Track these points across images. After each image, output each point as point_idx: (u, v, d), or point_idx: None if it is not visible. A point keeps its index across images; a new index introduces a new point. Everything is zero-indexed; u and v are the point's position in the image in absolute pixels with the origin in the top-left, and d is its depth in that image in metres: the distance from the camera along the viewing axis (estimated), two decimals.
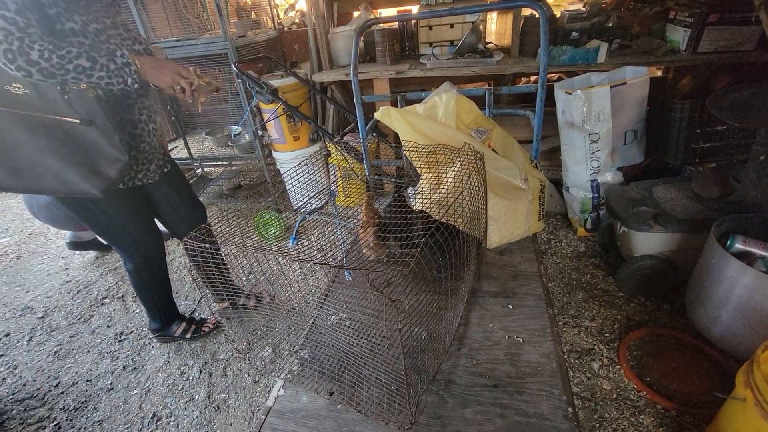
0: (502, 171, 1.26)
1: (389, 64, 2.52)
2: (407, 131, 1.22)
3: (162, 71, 1.19)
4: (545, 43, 1.31)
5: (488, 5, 2.01)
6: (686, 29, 2.06)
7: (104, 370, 1.78)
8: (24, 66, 0.97)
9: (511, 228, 1.29)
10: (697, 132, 1.87)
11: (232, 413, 1.52)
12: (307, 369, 0.96)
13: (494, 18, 2.94)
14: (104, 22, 1.20)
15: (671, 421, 1.30)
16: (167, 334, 1.81)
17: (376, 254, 1.17)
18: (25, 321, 2.14)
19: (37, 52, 0.97)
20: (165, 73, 1.20)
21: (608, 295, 1.82)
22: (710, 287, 1.37)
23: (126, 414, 1.58)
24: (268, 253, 0.77)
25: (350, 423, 0.84)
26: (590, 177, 2.04)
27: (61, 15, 1.08)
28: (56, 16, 1.07)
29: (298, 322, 1.08)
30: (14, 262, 2.70)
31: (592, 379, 1.46)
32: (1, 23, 0.93)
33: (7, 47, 0.94)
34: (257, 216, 2.48)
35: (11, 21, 0.95)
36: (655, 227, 1.61)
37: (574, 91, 1.89)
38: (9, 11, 0.95)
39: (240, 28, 2.72)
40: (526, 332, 1.01)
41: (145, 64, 1.17)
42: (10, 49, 0.94)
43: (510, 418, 0.81)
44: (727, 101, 1.50)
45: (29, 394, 1.70)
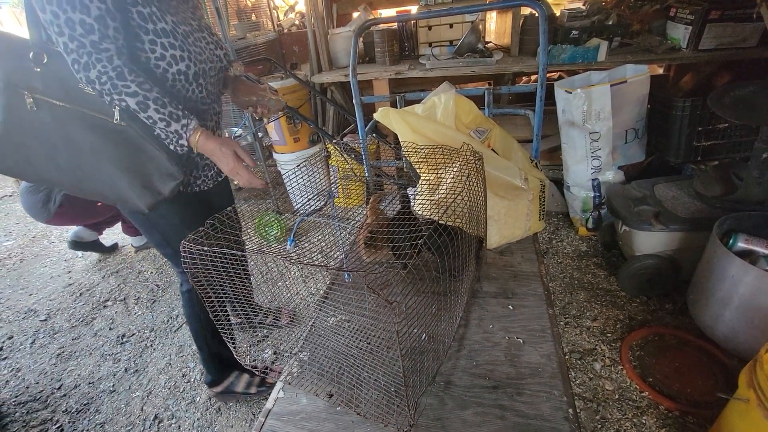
0: (501, 171, 1.26)
1: (389, 65, 2.52)
2: (406, 132, 1.21)
3: (222, 159, 1.08)
4: (544, 41, 1.31)
5: (487, 5, 2.01)
6: (687, 26, 2.04)
7: (106, 372, 1.79)
8: (84, 81, 0.95)
9: (511, 228, 1.29)
10: (698, 130, 1.86)
11: (233, 415, 1.52)
12: (307, 371, 0.96)
13: (494, 17, 2.93)
14: (191, 24, 1.12)
15: (674, 421, 1.29)
16: (229, 390, 1.54)
17: (376, 257, 1.17)
18: (28, 324, 2.15)
19: (96, 72, 0.92)
20: (224, 162, 1.08)
21: (610, 294, 1.81)
22: (713, 286, 1.36)
23: (128, 416, 1.58)
24: (267, 256, 0.77)
25: (349, 425, 0.84)
26: (591, 176, 2.03)
27: (154, 14, 1.01)
28: (148, 16, 0.99)
29: (297, 325, 1.07)
30: (17, 265, 2.72)
31: (594, 380, 1.45)
32: (78, 31, 0.89)
33: (75, 58, 0.92)
34: (258, 218, 2.48)
35: (89, 30, 0.90)
36: (656, 226, 1.60)
37: (574, 90, 1.88)
38: (89, 17, 0.90)
39: (239, 30, 2.73)
40: (526, 333, 1.00)
41: (205, 146, 1.07)
42: (77, 60, 0.92)
43: (510, 420, 0.81)
44: (729, 98, 1.49)
45: (32, 396, 1.71)
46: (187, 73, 1.08)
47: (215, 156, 1.08)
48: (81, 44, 0.90)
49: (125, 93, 0.96)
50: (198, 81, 1.13)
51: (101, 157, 1.06)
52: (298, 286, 2.13)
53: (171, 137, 1.04)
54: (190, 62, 1.08)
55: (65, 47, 0.90)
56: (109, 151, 1.05)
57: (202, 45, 1.13)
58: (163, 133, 1.04)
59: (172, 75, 1.06)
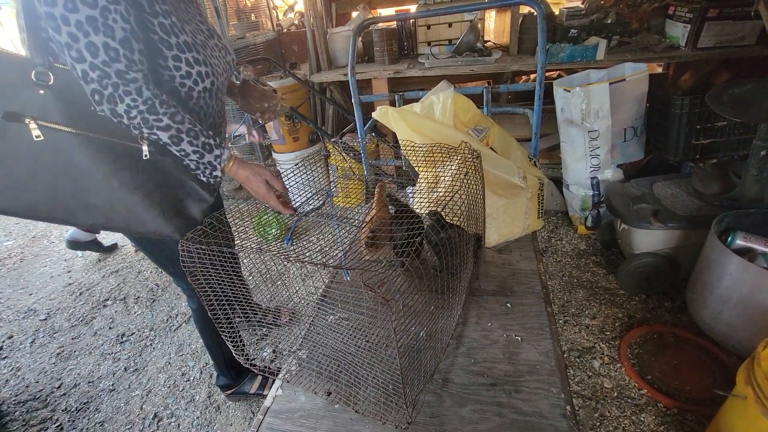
0: (500, 169, 1.26)
1: (388, 64, 2.52)
2: (405, 130, 1.22)
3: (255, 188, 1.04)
4: (543, 40, 1.31)
5: (486, 3, 2.01)
6: (686, 25, 2.05)
7: (106, 371, 1.79)
8: (107, 113, 0.85)
9: (509, 226, 1.29)
10: (697, 128, 1.86)
11: (232, 413, 1.53)
12: (305, 369, 0.96)
13: (492, 16, 2.94)
14: (202, 29, 1.03)
15: (672, 419, 1.29)
16: (240, 392, 1.55)
17: (377, 255, 1.16)
18: (28, 323, 2.15)
19: (125, 107, 0.83)
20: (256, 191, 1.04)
21: (609, 293, 1.81)
22: (711, 284, 1.37)
23: (127, 415, 1.58)
24: (266, 255, 0.77)
25: (348, 422, 0.84)
26: (590, 174, 2.03)
27: (174, 26, 0.91)
28: (170, 28, 0.89)
29: (296, 323, 1.08)
30: (17, 265, 2.72)
31: (593, 378, 1.45)
32: (101, 57, 0.78)
33: (96, 88, 0.81)
34: (257, 217, 2.49)
35: (113, 57, 0.79)
36: (655, 224, 1.60)
37: (573, 89, 1.88)
38: (114, 41, 0.78)
39: (239, 30, 2.73)
40: (524, 330, 1.00)
41: (238, 175, 1.03)
42: (99, 91, 0.81)
43: (507, 417, 0.81)
44: (727, 96, 1.49)
45: (32, 395, 1.71)
46: (210, 90, 1.01)
47: (248, 184, 1.03)
48: (104, 74, 0.80)
49: (157, 127, 0.88)
50: (218, 95, 1.07)
51: (130, 190, 0.95)
52: (297, 285, 2.14)
53: (203, 168, 0.98)
54: (214, 78, 1.00)
55: (84, 75, 0.80)
56: (137, 181, 0.95)
57: (217, 55, 1.03)
58: (194, 164, 0.97)
59: (198, 93, 0.98)
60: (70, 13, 0.74)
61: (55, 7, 0.74)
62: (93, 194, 0.94)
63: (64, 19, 0.74)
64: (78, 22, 0.75)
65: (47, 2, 0.74)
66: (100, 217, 0.97)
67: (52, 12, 0.74)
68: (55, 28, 0.76)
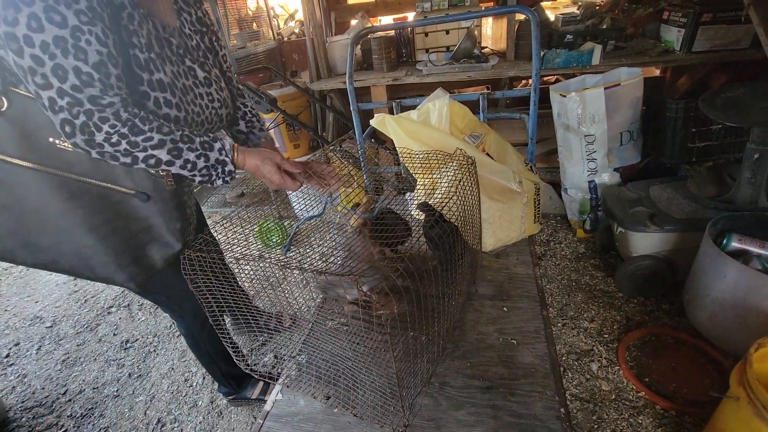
0: (496, 175, 1.28)
1: (386, 72, 2.55)
2: (402, 138, 1.24)
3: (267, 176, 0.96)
4: (536, 47, 1.34)
5: (481, 12, 2.04)
6: (680, 29, 2.07)
7: (110, 377, 1.81)
8: (82, 145, 0.75)
9: (506, 231, 1.31)
10: (692, 131, 1.88)
11: (234, 418, 1.55)
12: (305, 373, 0.98)
13: (489, 23, 2.97)
14: (197, 75, 0.96)
15: (670, 421, 1.30)
16: (242, 397, 1.56)
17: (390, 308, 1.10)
18: (34, 330, 2.18)
19: (104, 135, 0.75)
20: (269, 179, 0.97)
21: (607, 295, 1.83)
22: (707, 286, 1.38)
23: (131, 420, 1.60)
24: (265, 262, 0.80)
25: (346, 426, 0.86)
26: (588, 178, 2.05)
27: (151, 62, 0.84)
28: (144, 62, 0.83)
29: (297, 328, 1.10)
30: (24, 273, 2.75)
31: (591, 380, 1.46)
32: (70, 82, 0.70)
33: (67, 118, 0.72)
34: (259, 224, 2.51)
35: (86, 82, 0.71)
36: (651, 227, 1.61)
37: (569, 94, 1.91)
38: (87, 64, 0.70)
39: (240, 39, 2.77)
40: (520, 334, 1.02)
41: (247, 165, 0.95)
42: (70, 121, 0.72)
43: (502, 419, 0.83)
44: (720, 100, 1.51)
45: (38, 401, 1.74)
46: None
47: (258, 173, 0.96)
48: (76, 101, 0.71)
49: (150, 147, 0.80)
50: None
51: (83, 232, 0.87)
52: (297, 291, 2.16)
53: (216, 172, 0.91)
54: (186, 125, 0.92)
55: (51, 104, 0.71)
56: (92, 221, 0.87)
57: (202, 103, 0.96)
58: (206, 172, 0.89)
59: None
60: (34, 33, 0.66)
61: (17, 26, 0.65)
62: (37, 233, 0.87)
63: (27, 40, 0.66)
64: (44, 44, 0.66)
65: (7, 21, 0.65)
66: (43, 257, 0.90)
67: (13, 32, 0.66)
68: (16, 51, 0.67)
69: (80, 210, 0.86)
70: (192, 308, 1.24)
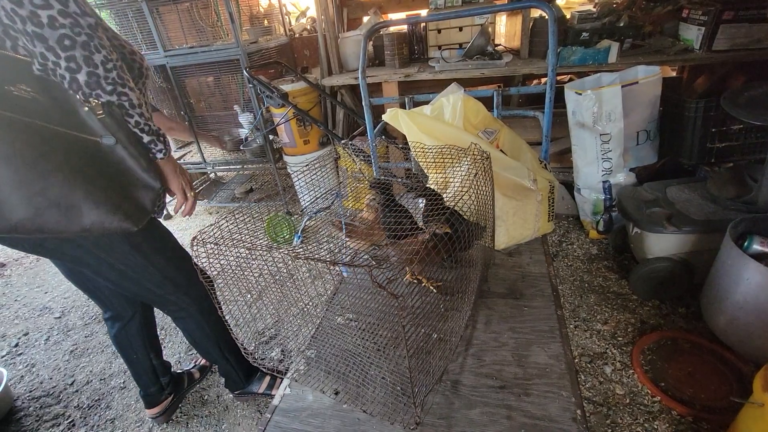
0: (510, 171, 1.25)
1: (398, 68, 2.53)
2: (414, 132, 1.22)
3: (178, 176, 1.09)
4: (553, 43, 1.31)
5: (496, 6, 2.01)
6: (700, 27, 2.02)
7: (117, 369, 1.81)
8: (79, 60, 0.79)
9: (519, 229, 1.28)
10: (712, 131, 1.83)
11: (240, 413, 1.54)
12: (313, 368, 0.96)
13: (503, 20, 2.93)
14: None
15: (687, 427, 1.26)
16: (248, 392, 1.55)
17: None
18: (43, 321, 2.19)
19: (102, 57, 0.81)
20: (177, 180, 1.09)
21: (621, 298, 1.79)
22: (727, 289, 1.34)
23: (137, 412, 1.60)
24: (275, 253, 0.78)
25: (355, 422, 0.84)
26: (602, 178, 2.01)
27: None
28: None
29: (305, 323, 1.08)
30: (34, 264, 2.78)
31: (605, 384, 1.43)
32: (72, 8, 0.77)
33: (67, 34, 0.77)
34: (267, 219, 2.51)
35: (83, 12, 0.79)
36: (668, 228, 1.57)
37: (585, 92, 1.87)
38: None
39: (252, 34, 2.77)
40: (534, 333, 0.99)
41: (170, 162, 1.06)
42: (72, 37, 0.77)
43: (517, 420, 0.80)
44: (744, 99, 1.47)
45: (45, 391, 1.74)
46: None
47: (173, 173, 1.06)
48: (76, 23, 0.78)
49: (128, 87, 0.87)
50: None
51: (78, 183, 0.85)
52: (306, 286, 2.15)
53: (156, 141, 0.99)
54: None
55: (51, 22, 0.75)
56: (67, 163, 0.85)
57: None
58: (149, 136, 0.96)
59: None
60: None
61: None
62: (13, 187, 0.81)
63: None
64: None
65: None
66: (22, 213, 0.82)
67: None
68: None
69: (57, 154, 0.84)
70: (199, 295, 1.24)
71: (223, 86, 3.17)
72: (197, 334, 1.34)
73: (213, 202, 3.14)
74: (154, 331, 1.46)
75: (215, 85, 3.21)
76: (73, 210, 0.86)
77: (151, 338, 1.44)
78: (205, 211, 3.28)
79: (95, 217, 0.88)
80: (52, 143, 0.84)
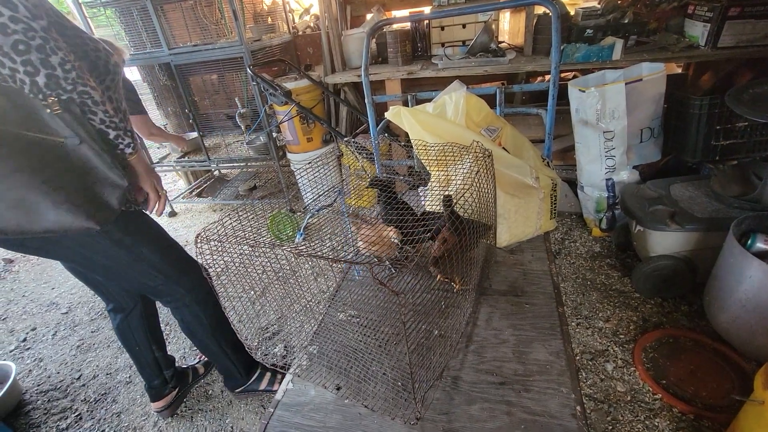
0: (512, 169, 1.26)
1: (401, 65, 2.53)
2: (417, 130, 1.22)
3: (150, 174, 1.12)
4: (557, 39, 1.30)
5: (500, 4, 2.00)
6: (705, 24, 2.00)
7: (123, 364, 1.84)
8: (36, 63, 0.79)
9: (521, 227, 1.28)
10: (717, 129, 1.82)
11: (244, 408, 1.55)
12: (316, 364, 0.97)
13: (507, 17, 2.92)
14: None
15: (688, 425, 1.26)
16: (250, 389, 1.53)
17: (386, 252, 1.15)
18: (51, 316, 2.22)
19: (59, 59, 0.82)
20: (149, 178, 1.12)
21: (623, 296, 1.78)
22: (730, 288, 1.33)
23: (143, 406, 1.62)
24: (278, 250, 0.79)
25: (356, 417, 0.85)
26: (605, 176, 2.01)
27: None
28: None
29: (308, 320, 1.09)
30: (41, 261, 2.81)
31: (606, 381, 1.43)
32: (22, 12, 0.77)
33: (22, 39, 0.77)
34: (270, 216, 2.52)
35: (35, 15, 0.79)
36: (672, 226, 1.57)
37: (588, 89, 1.86)
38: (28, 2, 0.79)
39: (255, 32, 2.77)
40: (534, 330, 1.00)
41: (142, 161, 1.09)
42: (26, 42, 0.77)
43: (516, 416, 0.81)
44: (748, 96, 1.46)
45: (53, 385, 1.77)
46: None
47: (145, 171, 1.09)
48: (29, 28, 0.78)
49: (90, 85, 0.88)
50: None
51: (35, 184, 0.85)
52: (309, 283, 2.17)
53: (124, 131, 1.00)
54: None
55: (2, 29, 0.76)
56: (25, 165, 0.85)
57: None
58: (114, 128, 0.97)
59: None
60: None
61: None
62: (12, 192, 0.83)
63: None
64: None
65: None
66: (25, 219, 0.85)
67: None
68: None
69: (17, 157, 0.84)
70: (192, 285, 1.26)
71: (226, 84, 3.19)
72: (194, 325, 1.33)
73: (217, 200, 3.16)
74: (156, 322, 1.48)
75: (219, 82, 3.22)
76: (32, 211, 0.87)
77: (153, 330, 1.45)
78: (209, 209, 3.30)
79: (55, 218, 0.89)
80: (13, 146, 0.84)
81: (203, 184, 3.48)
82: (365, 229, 1.03)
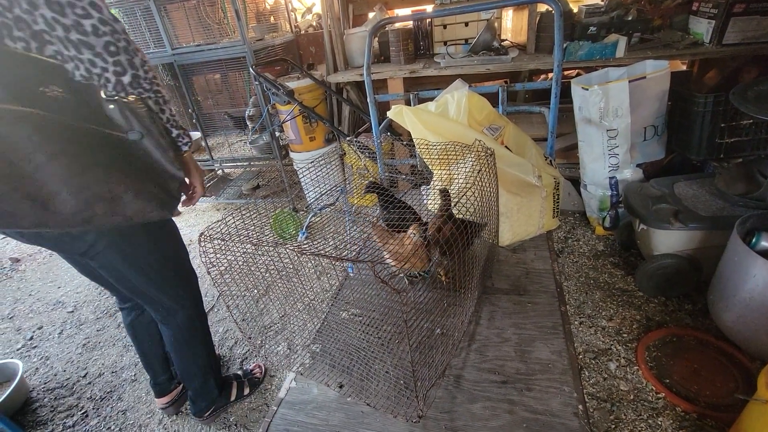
0: (514, 168, 1.26)
1: (403, 64, 2.53)
2: (419, 129, 1.23)
3: (199, 170, 1.22)
4: (559, 38, 1.30)
5: (502, 1, 1.99)
6: (710, 21, 1.99)
7: (128, 362, 1.86)
8: (124, 64, 0.86)
9: (524, 225, 1.28)
10: (721, 126, 1.80)
11: (247, 406, 1.56)
12: (319, 362, 0.98)
13: (510, 15, 2.91)
14: None
15: (691, 424, 1.26)
16: (220, 405, 1.52)
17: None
18: (57, 315, 2.25)
19: (139, 60, 0.89)
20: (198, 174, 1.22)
21: (627, 294, 1.78)
22: (734, 286, 1.33)
23: (148, 404, 1.64)
24: (281, 249, 0.79)
25: (359, 415, 0.86)
26: (609, 174, 2.00)
27: None
28: None
29: (311, 318, 1.10)
30: (47, 260, 2.84)
31: (609, 380, 1.43)
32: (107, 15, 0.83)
33: (110, 41, 0.83)
34: (274, 215, 2.53)
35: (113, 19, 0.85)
36: (675, 224, 1.56)
37: (591, 87, 1.85)
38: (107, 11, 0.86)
39: (258, 31, 2.78)
40: (537, 329, 1.00)
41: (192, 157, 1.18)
42: (114, 44, 0.84)
43: (518, 414, 0.81)
44: (753, 93, 1.45)
45: (59, 383, 1.79)
46: None
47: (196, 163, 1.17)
48: (115, 30, 0.85)
49: (161, 85, 0.96)
50: None
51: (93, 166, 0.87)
52: (312, 282, 2.17)
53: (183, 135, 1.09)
54: None
55: (95, 30, 0.81)
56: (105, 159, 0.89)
57: None
58: (177, 130, 1.06)
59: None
60: None
61: None
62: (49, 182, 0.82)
63: None
64: None
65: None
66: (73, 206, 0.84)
67: None
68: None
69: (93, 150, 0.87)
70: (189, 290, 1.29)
71: (230, 83, 3.20)
72: (180, 342, 1.33)
73: (220, 199, 3.18)
74: None
75: (222, 82, 3.23)
76: (116, 201, 0.90)
77: None
78: (213, 208, 3.31)
79: (137, 207, 0.94)
80: (87, 140, 0.87)
81: (206, 183, 3.49)
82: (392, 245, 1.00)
